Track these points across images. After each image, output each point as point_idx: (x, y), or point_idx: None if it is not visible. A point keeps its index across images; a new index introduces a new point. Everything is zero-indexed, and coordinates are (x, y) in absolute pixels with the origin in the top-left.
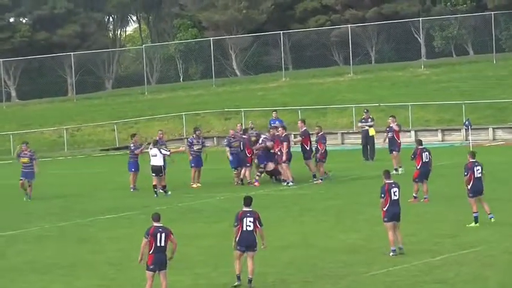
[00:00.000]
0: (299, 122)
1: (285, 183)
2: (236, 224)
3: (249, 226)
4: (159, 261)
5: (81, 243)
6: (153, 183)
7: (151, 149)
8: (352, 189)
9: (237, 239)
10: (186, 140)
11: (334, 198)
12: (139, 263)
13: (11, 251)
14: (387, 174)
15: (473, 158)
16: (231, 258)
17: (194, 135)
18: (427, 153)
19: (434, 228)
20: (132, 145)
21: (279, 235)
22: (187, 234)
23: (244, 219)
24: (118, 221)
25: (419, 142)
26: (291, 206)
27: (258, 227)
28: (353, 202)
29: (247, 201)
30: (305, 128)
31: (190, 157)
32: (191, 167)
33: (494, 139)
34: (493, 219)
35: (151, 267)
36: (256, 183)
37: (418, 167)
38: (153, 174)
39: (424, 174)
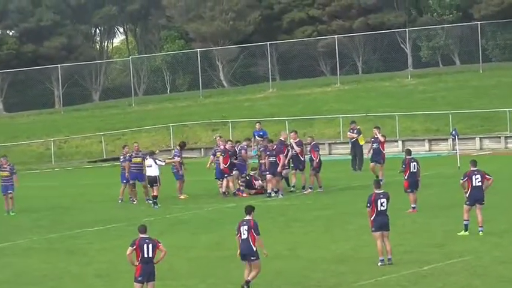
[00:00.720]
0: (292, 133)
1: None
2: (236, 233)
3: (244, 234)
4: (147, 272)
5: (69, 255)
6: (153, 194)
7: (146, 159)
8: (340, 199)
9: (239, 247)
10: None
11: (322, 209)
12: (133, 266)
13: None
14: (377, 184)
15: (474, 167)
16: (219, 269)
17: (178, 148)
18: (415, 163)
19: (422, 237)
20: (121, 157)
21: (267, 246)
22: (175, 245)
23: (241, 228)
24: (106, 232)
25: (409, 152)
26: (278, 217)
27: (253, 236)
28: (341, 212)
29: (247, 210)
30: (298, 138)
31: (175, 170)
32: (177, 179)
33: (481, 148)
34: (481, 233)
35: (139, 278)
36: (244, 194)
37: (406, 177)
38: (149, 185)
39: (412, 184)
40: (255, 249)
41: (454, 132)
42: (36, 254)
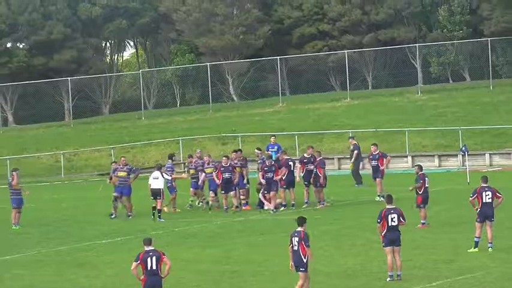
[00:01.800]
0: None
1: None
2: (289, 243)
3: (295, 246)
4: (151, 285)
5: (78, 267)
6: (153, 205)
7: (153, 172)
8: (349, 213)
9: (292, 258)
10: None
11: (330, 223)
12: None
13: (8, 275)
14: (389, 199)
15: (485, 183)
16: (227, 283)
17: (170, 161)
18: (427, 178)
19: (432, 253)
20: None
21: (277, 260)
22: (183, 258)
23: (292, 239)
24: (115, 245)
25: (421, 168)
26: (288, 231)
27: (303, 247)
28: (350, 227)
29: (299, 221)
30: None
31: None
32: (171, 192)
33: (491, 165)
34: (490, 250)
35: None
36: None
37: (421, 193)
38: (152, 198)
39: (425, 199)
40: (305, 260)
41: (464, 148)
42: (45, 266)
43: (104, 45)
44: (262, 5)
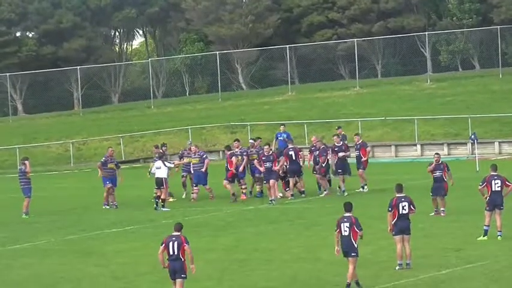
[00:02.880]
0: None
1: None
2: (336, 228)
3: (345, 231)
4: (172, 269)
5: (86, 256)
6: (157, 194)
7: (155, 161)
8: (359, 202)
9: (338, 244)
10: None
11: (340, 212)
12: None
13: (17, 264)
14: (399, 188)
15: (495, 171)
16: (237, 272)
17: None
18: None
19: (440, 242)
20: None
21: (284, 249)
22: (194, 247)
23: (342, 225)
24: (124, 234)
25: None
26: (296, 220)
27: (356, 231)
28: (360, 215)
29: (347, 207)
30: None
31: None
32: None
33: (500, 153)
34: (499, 238)
35: (169, 275)
36: (243, 197)
37: (446, 180)
38: (156, 187)
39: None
40: (356, 245)
41: (473, 136)
42: (54, 255)
43: (113, 34)
44: None
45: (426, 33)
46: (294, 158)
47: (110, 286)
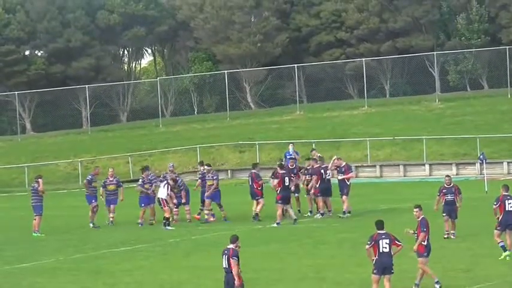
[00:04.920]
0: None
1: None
2: (370, 242)
3: (385, 248)
4: (226, 281)
5: (95, 275)
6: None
7: (161, 181)
8: (367, 222)
9: (374, 262)
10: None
11: (348, 231)
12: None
13: (25, 283)
14: (379, 224)
15: (507, 191)
16: None
17: (144, 175)
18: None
19: (449, 262)
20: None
21: (292, 268)
22: (201, 266)
23: (381, 242)
24: (132, 253)
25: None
26: (304, 239)
27: (398, 245)
28: (367, 235)
29: (379, 225)
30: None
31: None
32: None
33: (509, 173)
34: (508, 258)
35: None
36: (212, 219)
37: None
38: (161, 207)
39: None
40: (393, 262)
41: (481, 156)
42: (63, 274)
43: (121, 52)
44: (280, 13)
45: (435, 53)
46: (323, 176)
47: None
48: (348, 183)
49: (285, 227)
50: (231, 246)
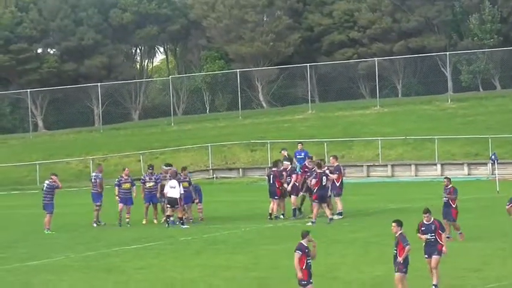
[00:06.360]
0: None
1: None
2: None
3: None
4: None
5: (106, 273)
6: (166, 214)
7: (170, 179)
8: (377, 221)
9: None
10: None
11: (359, 231)
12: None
13: (36, 280)
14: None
15: None
16: None
17: (148, 172)
18: None
19: (459, 262)
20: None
21: None
22: (212, 265)
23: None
24: (143, 251)
25: (450, 180)
26: (317, 238)
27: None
28: (378, 234)
29: (399, 222)
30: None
31: (142, 194)
32: (144, 203)
33: None
34: None
35: (303, 282)
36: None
37: (455, 206)
38: (168, 206)
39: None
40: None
41: (493, 156)
42: (73, 271)
43: (134, 51)
44: (292, 12)
45: (447, 53)
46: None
47: None
48: (337, 184)
49: (297, 226)
50: (302, 241)
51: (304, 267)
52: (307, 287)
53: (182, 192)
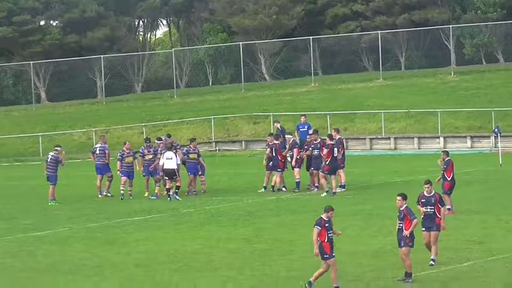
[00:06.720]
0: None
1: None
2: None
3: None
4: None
5: (108, 244)
6: (166, 187)
7: (165, 152)
8: (380, 194)
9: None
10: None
11: (362, 203)
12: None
13: (39, 251)
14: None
15: None
16: (257, 261)
17: (145, 145)
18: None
19: (462, 234)
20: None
21: (306, 239)
22: (215, 236)
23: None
24: (146, 223)
25: (448, 153)
26: (319, 210)
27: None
28: (381, 207)
29: (404, 196)
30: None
31: (142, 167)
32: (143, 176)
33: None
34: None
35: (326, 255)
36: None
37: (450, 179)
38: (166, 178)
39: (453, 186)
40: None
41: (496, 129)
42: (76, 242)
43: (136, 23)
44: None
45: (450, 26)
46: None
47: (131, 274)
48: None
49: (298, 199)
50: (322, 215)
51: (325, 241)
52: (330, 260)
53: (179, 162)
